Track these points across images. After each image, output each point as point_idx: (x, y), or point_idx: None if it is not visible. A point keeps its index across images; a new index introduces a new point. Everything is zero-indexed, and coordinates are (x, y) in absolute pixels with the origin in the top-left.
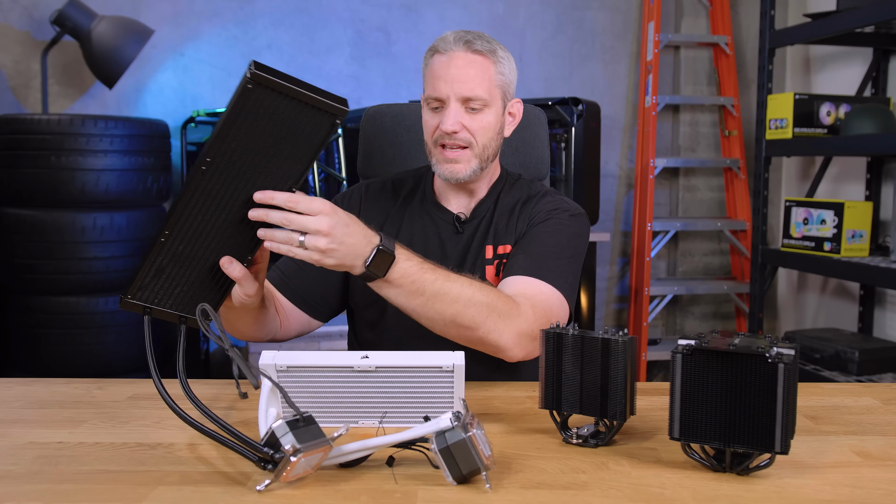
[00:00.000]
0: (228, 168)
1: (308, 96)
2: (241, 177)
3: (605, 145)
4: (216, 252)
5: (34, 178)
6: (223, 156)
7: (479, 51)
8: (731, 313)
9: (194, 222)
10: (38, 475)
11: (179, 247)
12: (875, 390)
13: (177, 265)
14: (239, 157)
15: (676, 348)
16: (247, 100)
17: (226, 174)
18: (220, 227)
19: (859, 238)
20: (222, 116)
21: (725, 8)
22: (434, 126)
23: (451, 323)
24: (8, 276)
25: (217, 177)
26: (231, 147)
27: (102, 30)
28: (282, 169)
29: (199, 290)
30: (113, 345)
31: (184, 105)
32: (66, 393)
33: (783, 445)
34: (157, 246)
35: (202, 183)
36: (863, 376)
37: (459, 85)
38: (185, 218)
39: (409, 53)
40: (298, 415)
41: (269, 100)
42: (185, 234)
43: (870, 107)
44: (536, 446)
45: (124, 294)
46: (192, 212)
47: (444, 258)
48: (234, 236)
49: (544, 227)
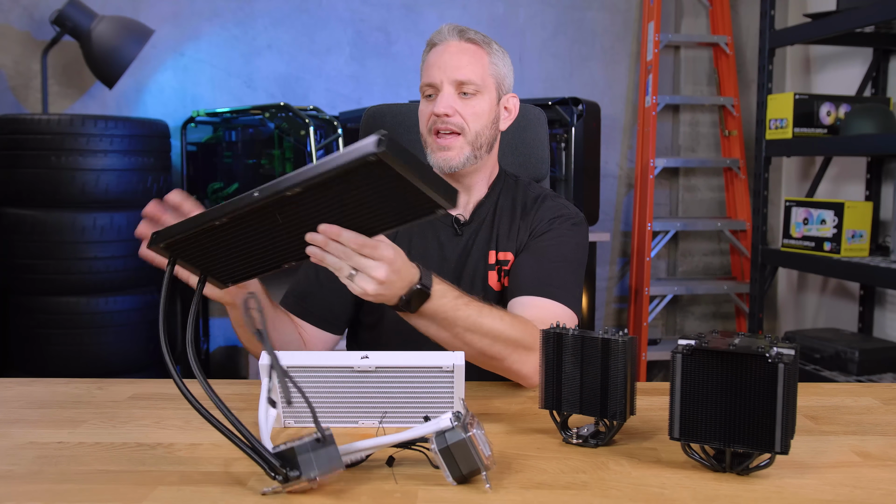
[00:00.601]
0: (314, 203)
1: (422, 184)
2: (323, 212)
3: (605, 145)
4: (263, 251)
5: (34, 178)
6: (315, 192)
7: (473, 39)
8: (731, 313)
9: (253, 225)
10: (38, 475)
11: (227, 236)
12: (875, 390)
13: (216, 244)
14: (330, 200)
15: (676, 348)
16: (364, 168)
17: (308, 206)
18: (280, 235)
19: (859, 238)
20: (331, 163)
21: (725, 8)
22: (428, 114)
23: (479, 354)
24: (8, 276)
25: (298, 203)
26: (327, 191)
27: (102, 30)
28: (364, 221)
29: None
30: (113, 345)
31: (184, 105)
32: (66, 393)
33: (783, 445)
34: (207, 224)
35: (281, 201)
36: (863, 376)
37: (452, 70)
38: (247, 219)
39: (409, 53)
40: (321, 434)
41: (384, 172)
42: (238, 230)
43: (870, 107)
44: (536, 446)
45: (156, 236)
46: (257, 217)
47: (442, 260)
48: (287, 244)
49: (548, 239)
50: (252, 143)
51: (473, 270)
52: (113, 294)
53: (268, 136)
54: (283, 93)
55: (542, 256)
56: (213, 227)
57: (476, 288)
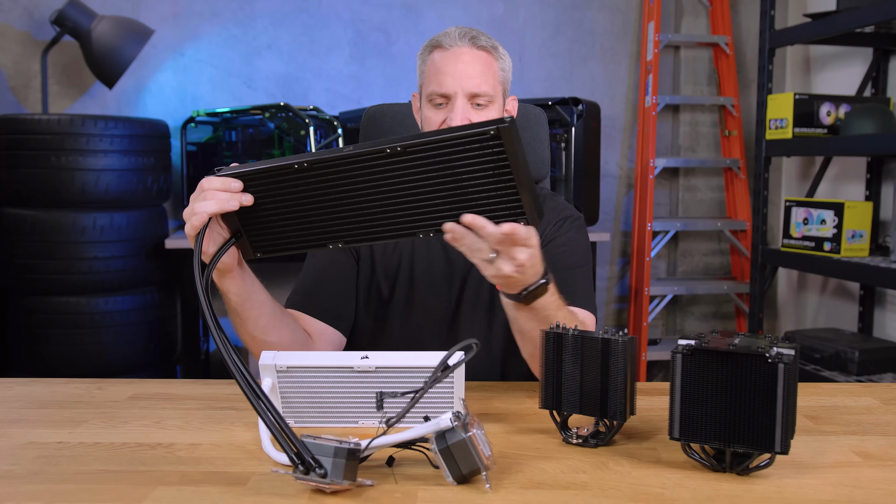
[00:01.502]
0: (406, 170)
1: (521, 183)
2: (410, 183)
3: (605, 145)
4: (325, 218)
5: (34, 178)
6: (415, 158)
7: (484, 47)
8: (731, 313)
9: (329, 184)
10: (38, 475)
11: (296, 190)
12: (875, 390)
13: (276, 199)
14: (426, 169)
15: (676, 348)
16: (479, 139)
17: (398, 172)
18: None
19: (859, 238)
20: (439, 130)
21: (725, 8)
22: (439, 123)
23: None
24: (8, 276)
25: (389, 168)
26: (427, 159)
27: (102, 30)
28: (448, 202)
29: (275, 227)
30: (113, 345)
31: (184, 105)
32: (66, 393)
33: (783, 445)
34: (283, 166)
35: (376, 158)
36: (863, 376)
37: (467, 80)
38: (327, 175)
39: (409, 53)
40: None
41: (495, 152)
42: (312, 185)
43: (870, 107)
44: (536, 446)
45: (218, 170)
46: (340, 174)
47: (448, 264)
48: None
49: (559, 245)
50: (252, 143)
51: (479, 274)
52: (113, 294)
53: (268, 136)
54: (283, 93)
55: (558, 264)
56: (288, 170)
57: (483, 293)
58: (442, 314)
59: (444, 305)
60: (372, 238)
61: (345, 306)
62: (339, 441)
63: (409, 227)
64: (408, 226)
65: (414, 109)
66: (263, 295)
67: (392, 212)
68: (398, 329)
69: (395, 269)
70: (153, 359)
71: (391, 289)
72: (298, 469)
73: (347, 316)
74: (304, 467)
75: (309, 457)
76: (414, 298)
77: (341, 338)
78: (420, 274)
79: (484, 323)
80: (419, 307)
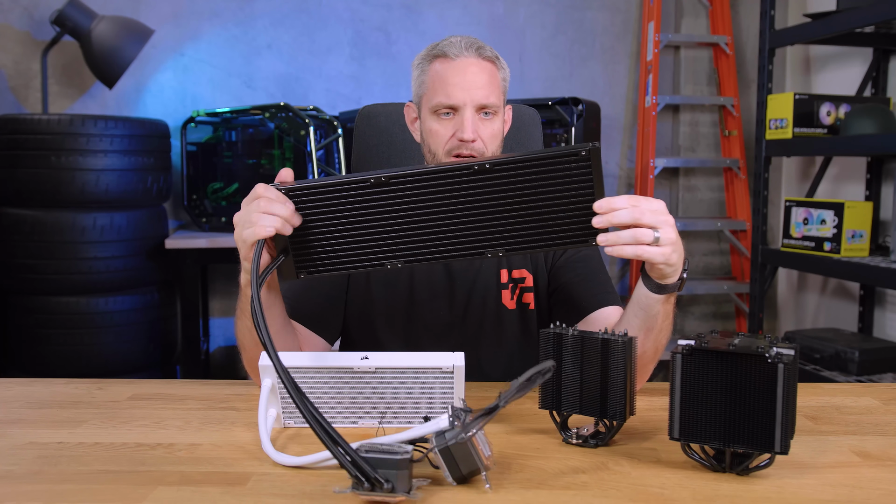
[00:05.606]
0: (493, 183)
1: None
2: (492, 203)
3: (605, 145)
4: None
5: (34, 178)
6: (501, 177)
7: (489, 57)
8: (731, 313)
9: (401, 202)
10: (38, 475)
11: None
12: (875, 390)
13: (337, 217)
14: (506, 186)
15: (676, 348)
16: (571, 158)
17: (480, 192)
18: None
19: (859, 238)
20: (531, 150)
21: (725, 8)
22: (448, 135)
23: (657, 352)
24: (8, 276)
25: (470, 187)
26: (513, 178)
27: (102, 30)
28: (526, 225)
29: (332, 245)
30: (113, 345)
31: (184, 105)
32: (66, 393)
33: (783, 445)
34: (355, 182)
35: (460, 175)
36: (863, 376)
37: (476, 91)
38: (402, 192)
39: (409, 53)
40: (409, 456)
41: (582, 173)
42: (382, 202)
43: (870, 107)
44: (536, 446)
45: (280, 185)
46: (415, 192)
47: (449, 277)
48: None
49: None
50: (252, 143)
51: (484, 289)
52: (113, 294)
53: (268, 136)
54: (283, 93)
55: (586, 266)
56: (360, 186)
57: (489, 307)
58: (441, 329)
59: (444, 321)
60: (434, 257)
61: (332, 314)
62: (394, 452)
63: (477, 245)
64: (476, 244)
65: (408, 120)
66: (279, 308)
67: (463, 229)
68: (395, 344)
69: (393, 282)
70: (153, 359)
71: (388, 302)
72: (364, 487)
73: (334, 324)
74: (369, 485)
75: (374, 475)
76: (413, 313)
77: (326, 346)
78: (420, 288)
79: (492, 339)
80: (419, 322)
